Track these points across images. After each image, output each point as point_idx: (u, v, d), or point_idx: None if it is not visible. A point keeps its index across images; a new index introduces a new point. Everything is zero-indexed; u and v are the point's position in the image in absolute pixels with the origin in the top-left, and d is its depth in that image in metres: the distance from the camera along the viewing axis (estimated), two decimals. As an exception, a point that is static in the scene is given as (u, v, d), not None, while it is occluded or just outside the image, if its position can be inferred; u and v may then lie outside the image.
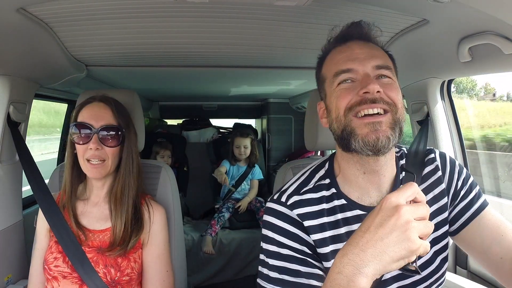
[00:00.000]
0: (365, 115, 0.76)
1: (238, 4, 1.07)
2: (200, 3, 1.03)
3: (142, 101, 1.56)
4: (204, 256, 2.56)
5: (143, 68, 1.85)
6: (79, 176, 1.21)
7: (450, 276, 1.26)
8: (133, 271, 1.14)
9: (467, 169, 1.60)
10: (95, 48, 1.47)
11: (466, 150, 1.57)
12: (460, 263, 1.50)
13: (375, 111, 0.75)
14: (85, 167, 1.14)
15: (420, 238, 0.58)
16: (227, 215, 2.82)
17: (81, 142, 1.13)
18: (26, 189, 1.51)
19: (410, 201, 0.61)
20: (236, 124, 4.10)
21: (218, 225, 2.71)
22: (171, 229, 1.31)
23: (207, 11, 1.12)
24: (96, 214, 1.18)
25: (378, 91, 0.75)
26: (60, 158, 2.55)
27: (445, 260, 0.89)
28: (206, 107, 3.89)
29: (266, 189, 3.40)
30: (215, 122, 4.13)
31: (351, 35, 0.84)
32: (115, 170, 1.18)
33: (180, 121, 4.19)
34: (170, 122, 4.28)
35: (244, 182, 2.95)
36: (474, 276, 1.40)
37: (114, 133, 1.15)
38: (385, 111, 0.76)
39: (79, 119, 1.15)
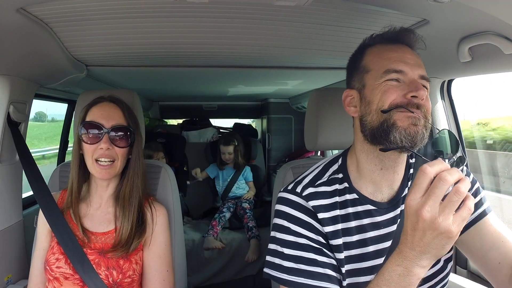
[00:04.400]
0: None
1: (238, 4, 1.07)
2: (200, 3, 1.03)
3: (142, 101, 1.57)
4: (204, 256, 2.56)
5: (143, 68, 1.85)
6: (83, 177, 1.20)
7: (450, 276, 1.25)
8: (134, 272, 1.13)
9: (467, 168, 1.61)
10: (95, 48, 1.47)
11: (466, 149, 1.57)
12: (460, 263, 1.50)
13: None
14: (93, 167, 1.13)
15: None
16: (228, 215, 2.82)
17: (90, 142, 1.12)
18: (28, 194, 1.51)
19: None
20: (236, 124, 4.09)
21: (220, 226, 2.71)
22: (171, 229, 1.31)
23: (207, 11, 1.12)
24: (99, 217, 1.18)
25: (422, 99, 0.79)
26: (60, 159, 2.55)
27: (449, 260, 0.91)
28: (206, 107, 3.89)
29: (266, 189, 3.40)
30: (215, 122, 4.13)
31: (402, 38, 0.85)
32: (121, 171, 1.18)
33: (180, 121, 4.19)
34: (170, 122, 4.28)
35: (238, 182, 2.98)
36: (474, 276, 1.40)
37: (124, 133, 1.15)
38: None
39: (89, 118, 1.14)
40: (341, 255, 0.83)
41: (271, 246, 0.86)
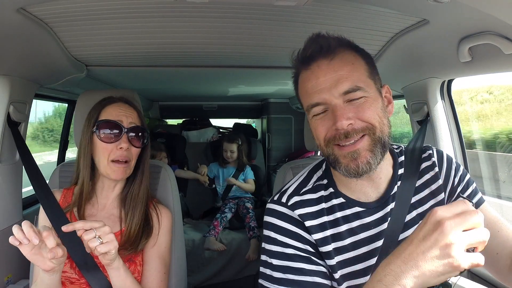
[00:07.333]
0: (343, 145, 0.77)
1: (238, 4, 1.07)
2: (200, 3, 1.03)
3: (142, 101, 1.56)
4: (204, 256, 2.56)
5: (143, 68, 1.85)
6: (90, 177, 1.17)
7: (450, 276, 1.26)
8: (139, 274, 1.13)
9: (467, 168, 1.61)
10: (95, 48, 1.47)
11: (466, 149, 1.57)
12: (460, 263, 1.49)
13: (351, 141, 0.77)
14: (109, 168, 1.10)
15: (472, 249, 0.56)
16: (229, 215, 2.82)
17: (108, 141, 1.09)
18: (27, 189, 1.51)
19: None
20: (236, 124, 4.09)
21: (221, 226, 2.71)
22: (172, 229, 1.31)
23: (207, 11, 1.12)
24: (102, 218, 1.16)
25: (349, 124, 0.76)
26: (60, 159, 2.55)
27: None
28: (206, 107, 3.89)
29: (266, 189, 3.40)
30: (215, 122, 4.13)
31: (313, 55, 0.80)
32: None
33: (180, 121, 4.19)
34: (170, 122, 4.29)
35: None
36: (474, 276, 1.40)
37: (141, 133, 1.14)
38: (362, 135, 0.77)
39: (105, 117, 1.11)
40: (332, 261, 0.83)
41: (262, 257, 0.87)
